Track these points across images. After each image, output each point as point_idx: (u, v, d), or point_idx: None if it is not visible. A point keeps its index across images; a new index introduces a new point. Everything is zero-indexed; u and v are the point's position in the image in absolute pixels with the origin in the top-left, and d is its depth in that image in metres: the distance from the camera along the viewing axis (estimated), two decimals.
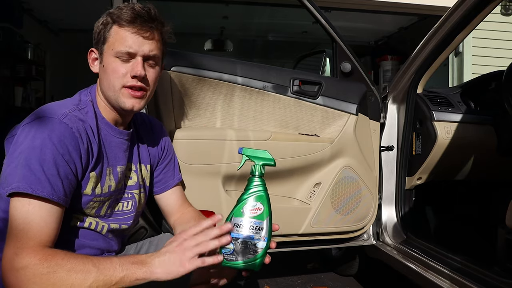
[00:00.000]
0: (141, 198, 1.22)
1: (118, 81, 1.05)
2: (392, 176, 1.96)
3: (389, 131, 1.96)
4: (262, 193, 0.98)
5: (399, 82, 1.96)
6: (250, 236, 0.95)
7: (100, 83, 1.10)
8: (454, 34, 1.75)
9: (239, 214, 0.96)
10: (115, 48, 1.04)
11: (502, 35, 4.91)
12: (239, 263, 0.95)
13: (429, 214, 2.24)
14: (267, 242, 0.96)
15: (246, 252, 0.95)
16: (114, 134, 1.11)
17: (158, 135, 1.30)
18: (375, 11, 5.04)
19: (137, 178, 1.19)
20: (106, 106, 1.10)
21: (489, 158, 2.00)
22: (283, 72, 1.73)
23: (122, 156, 1.14)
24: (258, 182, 0.99)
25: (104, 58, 1.06)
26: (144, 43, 1.05)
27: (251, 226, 0.96)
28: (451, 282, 1.47)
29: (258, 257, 0.96)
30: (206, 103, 1.61)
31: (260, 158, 1.01)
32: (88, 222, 1.07)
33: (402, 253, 1.79)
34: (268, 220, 0.97)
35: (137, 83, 1.06)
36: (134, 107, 1.08)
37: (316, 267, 2.55)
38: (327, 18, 1.77)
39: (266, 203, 0.98)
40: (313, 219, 1.73)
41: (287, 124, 1.72)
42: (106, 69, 1.05)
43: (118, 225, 1.14)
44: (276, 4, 5.03)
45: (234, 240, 0.95)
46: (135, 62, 1.05)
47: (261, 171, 1.00)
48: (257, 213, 0.96)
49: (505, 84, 1.65)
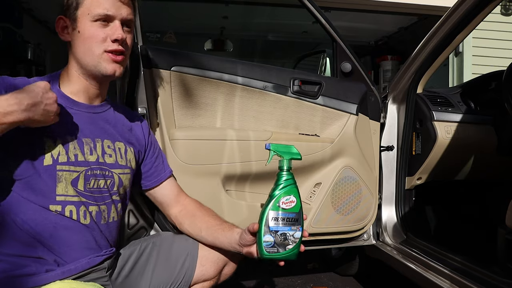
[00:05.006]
0: (122, 180, 1.15)
1: (98, 46, 1.03)
2: (392, 176, 1.96)
3: (389, 131, 1.96)
4: (293, 186, 1.05)
5: (399, 82, 1.96)
6: (288, 228, 1.02)
7: (74, 51, 1.06)
8: (454, 34, 1.75)
9: (276, 208, 1.02)
10: (92, 12, 1.01)
11: (502, 35, 4.90)
12: (281, 254, 1.02)
13: (429, 214, 2.24)
14: (301, 231, 1.04)
15: (286, 243, 1.02)
16: (70, 106, 1.07)
17: (143, 125, 1.28)
18: (375, 11, 5.04)
19: (116, 157, 1.14)
20: (74, 76, 1.08)
21: (489, 158, 2.00)
22: (283, 72, 1.73)
23: (84, 128, 1.08)
24: (287, 177, 1.05)
25: (79, 23, 1.03)
26: (121, 7, 1.04)
27: (287, 218, 1.02)
28: (451, 282, 1.47)
29: (296, 247, 1.03)
30: (206, 103, 1.61)
31: (287, 153, 1.07)
32: (65, 209, 1.02)
33: (402, 253, 1.79)
34: (301, 210, 1.05)
35: (118, 47, 1.04)
36: (116, 72, 1.06)
37: (316, 267, 2.55)
38: (327, 18, 1.77)
39: (298, 195, 1.05)
40: (313, 219, 1.73)
41: (288, 124, 1.72)
42: (83, 35, 1.03)
43: (97, 206, 1.08)
44: (276, 4, 5.02)
45: (274, 233, 1.01)
46: (114, 26, 1.03)
47: (289, 165, 1.06)
48: (291, 205, 1.03)
49: (505, 84, 1.65)
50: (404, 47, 5.87)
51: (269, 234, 1.01)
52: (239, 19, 5.75)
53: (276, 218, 1.01)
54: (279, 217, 1.02)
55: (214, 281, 1.26)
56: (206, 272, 1.22)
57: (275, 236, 1.01)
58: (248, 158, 1.61)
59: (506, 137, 1.95)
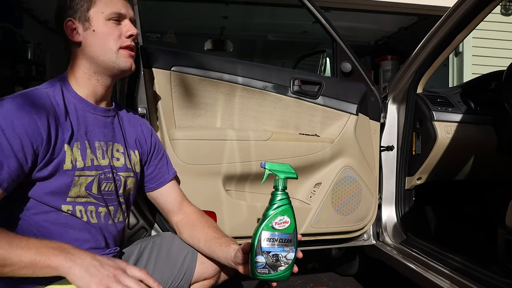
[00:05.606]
0: (127, 183, 1.18)
1: (115, 42, 1.08)
2: (392, 176, 1.96)
3: (389, 131, 1.96)
4: (287, 206, 1.02)
5: (399, 82, 1.96)
6: (281, 249, 1.00)
7: (88, 51, 1.08)
8: (454, 34, 1.75)
9: (269, 228, 1.00)
10: (106, 11, 1.07)
11: (502, 35, 4.91)
12: (272, 276, 1.00)
13: (429, 214, 2.24)
14: (295, 252, 1.01)
15: (278, 265, 1.00)
16: (88, 109, 1.09)
17: (146, 127, 1.30)
18: (375, 11, 5.04)
19: (125, 160, 1.17)
20: (83, 78, 1.10)
21: (489, 158, 2.00)
22: (283, 72, 1.73)
23: (99, 132, 1.11)
24: (282, 196, 1.02)
25: (94, 23, 1.07)
26: (128, 7, 1.12)
27: (280, 239, 1.00)
28: (451, 282, 1.47)
29: (289, 268, 1.01)
30: (206, 103, 1.61)
31: (283, 172, 1.04)
32: (76, 209, 1.04)
33: (402, 253, 1.79)
34: (295, 231, 1.02)
35: (131, 42, 1.11)
36: (132, 67, 1.13)
37: (316, 267, 2.55)
38: (327, 18, 1.77)
39: (292, 215, 1.02)
40: (314, 219, 1.73)
41: (288, 124, 1.72)
42: (98, 33, 1.07)
43: (106, 207, 1.11)
44: (276, 4, 5.02)
45: (266, 254, 0.99)
46: (127, 24, 1.11)
47: (284, 184, 1.03)
48: (285, 226, 1.00)
49: (505, 84, 1.65)
50: (404, 47, 5.88)
51: (261, 255, 0.99)
52: (239, 19, 5.76)
53: (268, 239, 0.99)
54: (272, 238, 0.99)
55: (215, 280, 1.26)
56: (206, 270, 1.23)
57: (267, 257, 0.99)
58: (248, 158, 1.61)
59: (506, 137, 1.95)
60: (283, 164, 1.06)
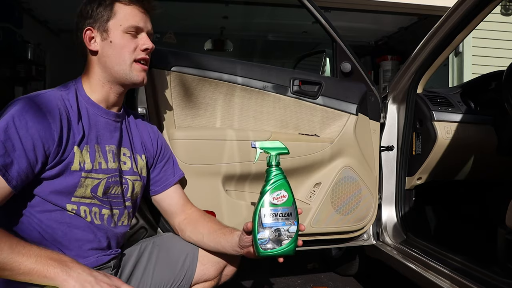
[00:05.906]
0: (135, 186, 1.20)
1: (129, 55, 1.10)
2: (392, 176, 1.96)
3: (389, 131, 1.96)
4: (283, 180, 1.03)
5: (399, 82, 1.96)
6: (282, 223, 1.00)
7: (103, 60, 1.10)
8: (454, 34, 1.75)
9: (267, 204, 1.01)
10: (124, 24, 1.08)
11: (502, 35, 4.90)
12: (277, 250, 1.00)
13: (429, 214, 2.24)
14: (297, 225, 1.02)
15: (281, 239, 1.00)
16: (100, 114, 1.11)
17: (152, 131, 1.31)
18: (375, 11, 5.04)
19: (131, 164, 1.19)
20: (97, 85, 1.11)
21: (489, 158, 2.00)
22: (283, 72, 1.73)
23: (109, 136, 1.13)
24: (276, 172, 1.04)
25: (111, 34, 1.08)
26: (147, 21, 1.13)
27: (280, 213, 1.01)
28: (451, 282, 1.47)
29: (293, 241, 1.01)
30: (206, 103, 1.61)
31: (274, 149, 1.06)
32: (80, 209, 1.05)
33: (402, 253, 1.79)
34: (294, 204, 1.03)
35: (146, 56, 1.12)
36: (144, 80, 1.14)
37: (316, 267, 2.55)
38: (327, 18, 1.77)
39: (289, 189, 1.03)
40: (313, 219, 1.73)
41: (287, 124, 1.72)
42: (115, 45, 1.08)
43: (110, 210, 1.12)
44: (276, 4, 5.03)
45: (268, 229, 1.00)
46: (144, 37, 1.12)
47: (277, 160, 1.05)
48: (283, 200, 1.02)
49: (505, 84, 1.65)
50: (404, 47, 5.88)
51: (263, 231, 1.00)
52: (239, 19, 5.76)
53: (268, 214, 1.00)
54: (272, 213, 1.00)
55: (215, 282, 1.26)
56: (207, 271, 1.23)
57: (269, 232, 1.00)
58: (248, 158, 1.61)
59: (506, 137, 1.95)
60: (273, 142, 1.09)
